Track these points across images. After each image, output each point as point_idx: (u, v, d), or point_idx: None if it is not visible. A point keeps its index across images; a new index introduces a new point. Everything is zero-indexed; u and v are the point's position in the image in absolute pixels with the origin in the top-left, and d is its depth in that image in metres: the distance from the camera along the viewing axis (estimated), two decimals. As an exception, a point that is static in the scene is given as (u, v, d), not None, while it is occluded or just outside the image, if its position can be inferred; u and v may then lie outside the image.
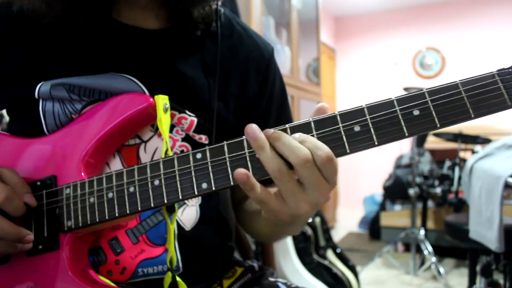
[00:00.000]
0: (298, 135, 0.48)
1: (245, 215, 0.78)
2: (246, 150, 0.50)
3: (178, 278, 0.62)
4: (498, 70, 0.47)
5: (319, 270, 1.99)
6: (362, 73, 5.70)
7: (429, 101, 0.47)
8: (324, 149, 0.46)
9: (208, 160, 0.51)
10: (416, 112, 0.47)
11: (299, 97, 3.23)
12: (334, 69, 5.85)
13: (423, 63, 5.43)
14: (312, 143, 0.47)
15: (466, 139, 3.05)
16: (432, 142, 4.03)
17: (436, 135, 3.19)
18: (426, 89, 0.48)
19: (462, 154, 3.33)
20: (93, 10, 0.63)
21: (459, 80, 0.47)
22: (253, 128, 0.48)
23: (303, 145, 0.47)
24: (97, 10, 0.63)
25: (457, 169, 3.08)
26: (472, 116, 0.46)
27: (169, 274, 0.61)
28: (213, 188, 0.51)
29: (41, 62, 0.64)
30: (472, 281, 2.00)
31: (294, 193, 0.48)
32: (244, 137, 0.50)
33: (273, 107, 0.77)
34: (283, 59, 3.14)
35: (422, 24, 5.46)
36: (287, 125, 0.50)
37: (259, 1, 2.59)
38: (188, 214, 0.68)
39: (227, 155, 0.51)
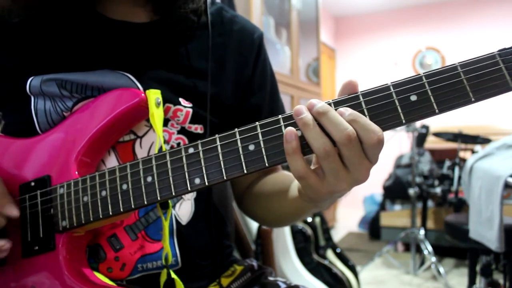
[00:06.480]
0: (348, 112, 0.45)
1: (258, 199, 0.74)
2: (239, 143, 0.49)
3: (174, 275, 0.61)
4: (499, 50, 0.44)
5: (319, 270, 1.98)
6: (362, 73, 5.69)
7: (427, 85, 0.45)
8: (376, 132, 0.44)
9: (201, 154, 0.51)
10: (413, 98, 0.45)
11: (299, 97, 3.22)
12: (334, 69, 5.85)
13: (423, 63, 5.43)
14: (363, 124, 0.44)
15: (466, 139, 3.04)
16: (432, 142, 4.02)
17: (436, 135, 3.19)
18: (424, 72, 0.46)
19: (462, 154, 3.32)
20: (76, 4, 0.62)
21: (458, 62, 0.45)
22: (299, 106, 0.47)
23: (353, 124, 0.44)
24: (79, 4, 0.62)
25: (457, 169, 3.06)
26: (472, 100, 0.44)
27: (165, 271, 0.61)
28: (206, 184, 0.50)
29: (32, 58, 0.64)
30: (472, 281, 2.00)
31: (337, 172, 0.46)
32: (236, 129, 0.50)
33: (267, 83, 0.78)
34: (283, 59, 3.14)
35: (422, 24, 5.45)
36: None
37: (259, 1, 2.58)
38: (184, 208, 0.68)
39: (219, 149, 0.50)
